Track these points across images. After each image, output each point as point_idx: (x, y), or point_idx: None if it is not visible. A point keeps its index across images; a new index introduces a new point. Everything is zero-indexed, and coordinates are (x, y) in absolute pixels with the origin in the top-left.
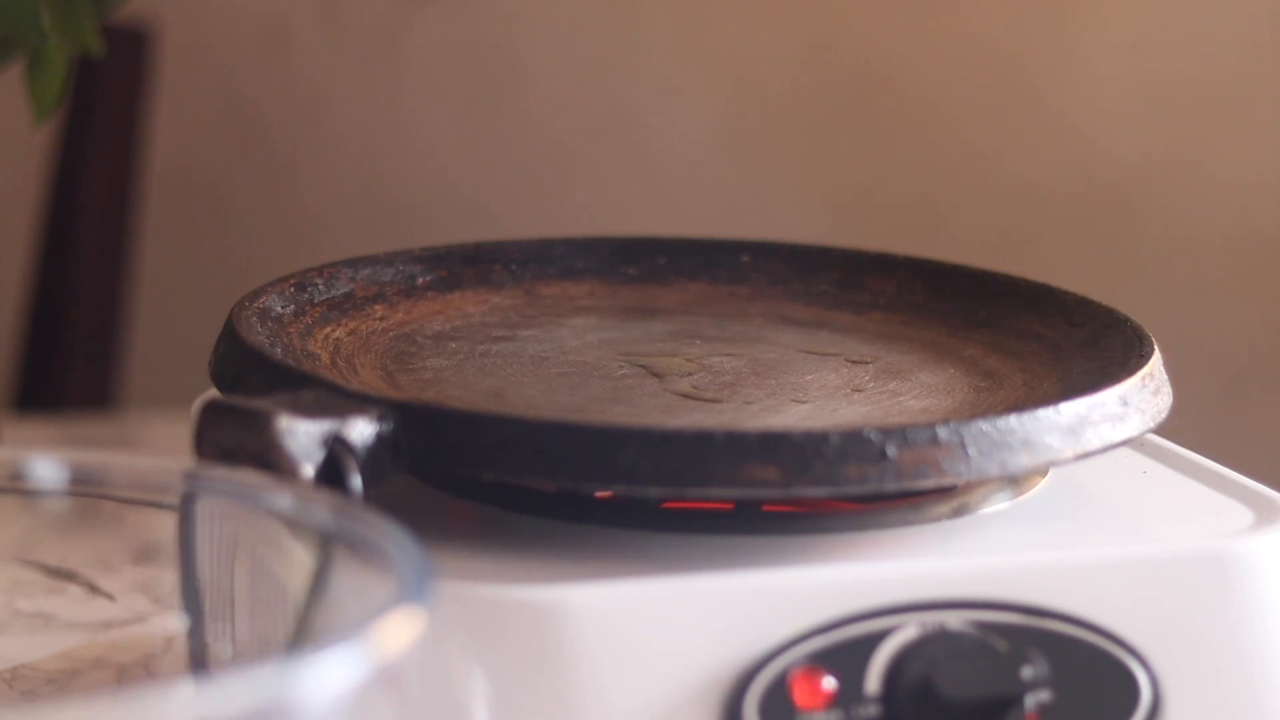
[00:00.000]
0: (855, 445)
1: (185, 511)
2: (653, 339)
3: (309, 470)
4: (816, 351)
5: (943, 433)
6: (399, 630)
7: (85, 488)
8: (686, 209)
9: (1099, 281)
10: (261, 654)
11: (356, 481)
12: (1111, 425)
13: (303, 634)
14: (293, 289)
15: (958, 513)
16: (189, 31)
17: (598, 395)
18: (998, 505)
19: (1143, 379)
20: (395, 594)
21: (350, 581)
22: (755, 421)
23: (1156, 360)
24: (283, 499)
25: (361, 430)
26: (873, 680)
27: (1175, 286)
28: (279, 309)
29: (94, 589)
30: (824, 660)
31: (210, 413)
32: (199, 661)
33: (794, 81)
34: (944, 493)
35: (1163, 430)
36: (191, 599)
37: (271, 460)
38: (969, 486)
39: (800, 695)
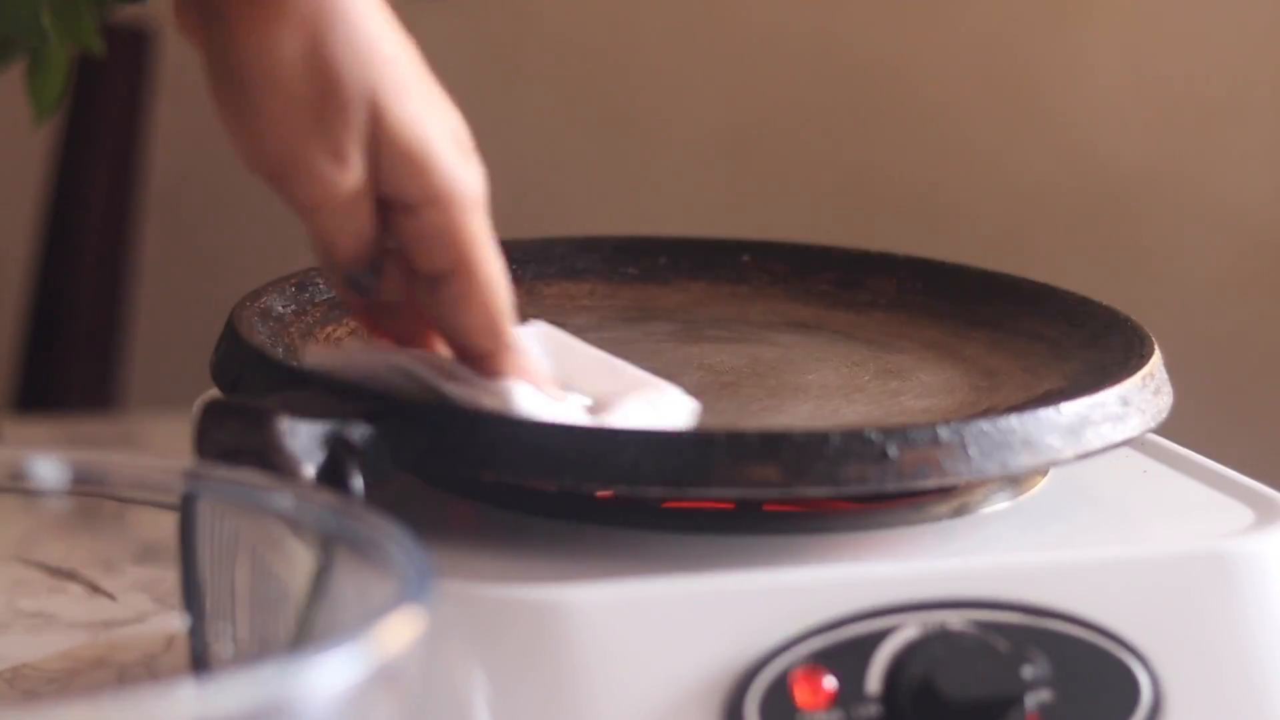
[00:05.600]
0: (856, 445)
1: (186, 511)
2: (653, 339)
3: (310, 470)
4: (817, 351)
5: (944, 433)
6: (399, 630)
7: (86, 487)
8: (686, 209)
9: (1100, 281)
10: (262, 654)
11: (357, 481)
12: (1112, 425)
13: (304, 634)
14: (294, 288)
15: (958, 512)
16: None
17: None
18: (998, 505)
19: (1143, 379)
20: (396, 594)
21: (351, 581)
22: (756, 421)
23: (1157, 360)
24: (284, 499)
25: (362, 430)
26: (873, 680)
27: (1176, 286)
28: (280, 308)
29: (95, 588)
30: (825, 660)
31: (211, 412)
32: (200, 661)
33: (794, 82)
34: (945, 492)
35: (1163, 430)
36: (192, 599)
37: (272, 460)
38: (970, 486)
39: (801, 695)
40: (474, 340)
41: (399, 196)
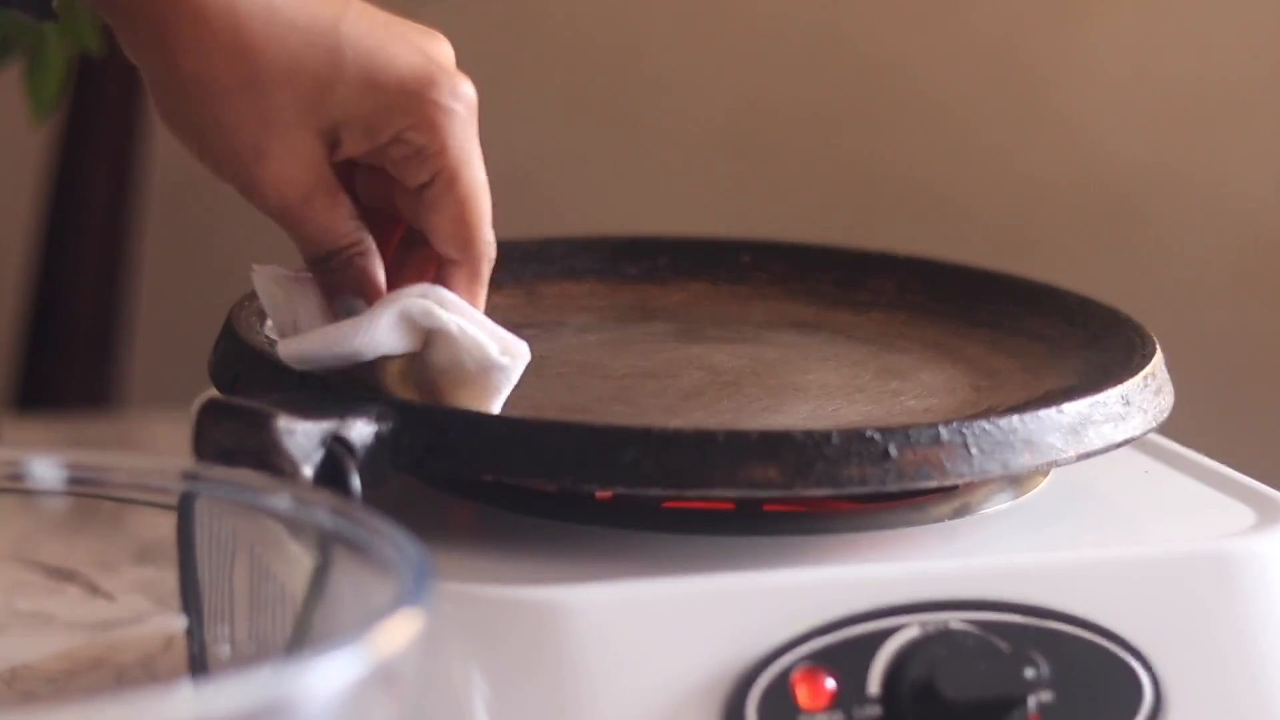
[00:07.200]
0: (857, 445)
1: (184, 511)
2: (653, 339)
3: (308, 470)
4: (817, 351)
5: (945, 432)
6: (398, 631)
7: (85, 488)
8: (686, 209)
9: (1101, 281)
10: (261, 654)
11: (356, 482)
12: (1113, 425)
13: (302, 634)
14: None
15: (959, 513)
16: None
17: (598, 395)
18: (999, 505)
19: (1145, 378)
20: (395, 595)
21: (350, 582)
22: (756, 421)
23: (1158, 360)
24: (282, 499)
25: (361, 430)
26: (874, 681)
27: (1177, 286)
28: None
29: (94, 589)
30: (825, 661)
31: (210, 412)
32: (199, 662)
33: (795, 81)
34: (946, 493)
35: (1164, 429)
36: (191, 599)
37: (271, 460)
38: (971, 486)
39: (802, 696)
40: (444, 248)
41: (377, 132)
